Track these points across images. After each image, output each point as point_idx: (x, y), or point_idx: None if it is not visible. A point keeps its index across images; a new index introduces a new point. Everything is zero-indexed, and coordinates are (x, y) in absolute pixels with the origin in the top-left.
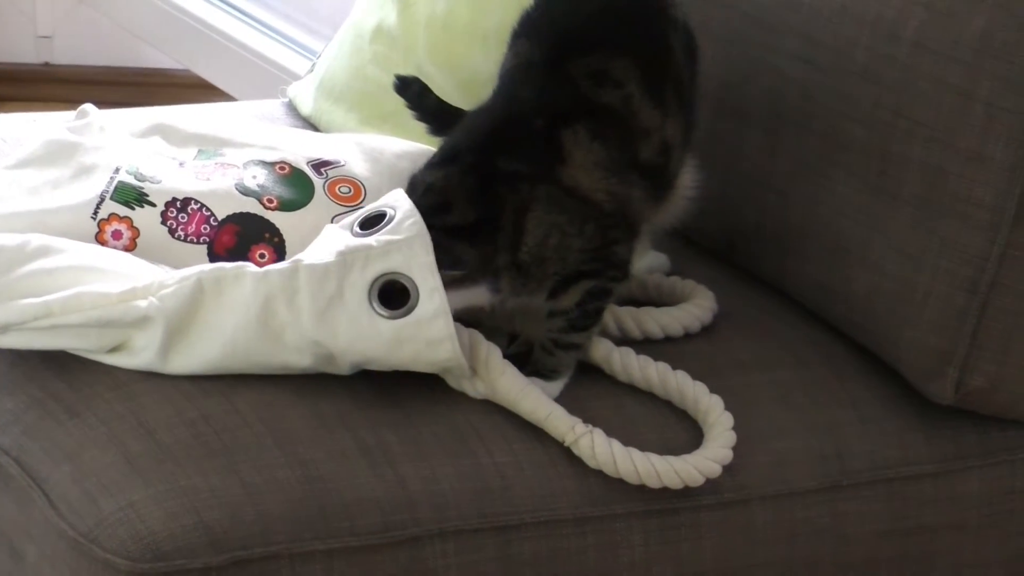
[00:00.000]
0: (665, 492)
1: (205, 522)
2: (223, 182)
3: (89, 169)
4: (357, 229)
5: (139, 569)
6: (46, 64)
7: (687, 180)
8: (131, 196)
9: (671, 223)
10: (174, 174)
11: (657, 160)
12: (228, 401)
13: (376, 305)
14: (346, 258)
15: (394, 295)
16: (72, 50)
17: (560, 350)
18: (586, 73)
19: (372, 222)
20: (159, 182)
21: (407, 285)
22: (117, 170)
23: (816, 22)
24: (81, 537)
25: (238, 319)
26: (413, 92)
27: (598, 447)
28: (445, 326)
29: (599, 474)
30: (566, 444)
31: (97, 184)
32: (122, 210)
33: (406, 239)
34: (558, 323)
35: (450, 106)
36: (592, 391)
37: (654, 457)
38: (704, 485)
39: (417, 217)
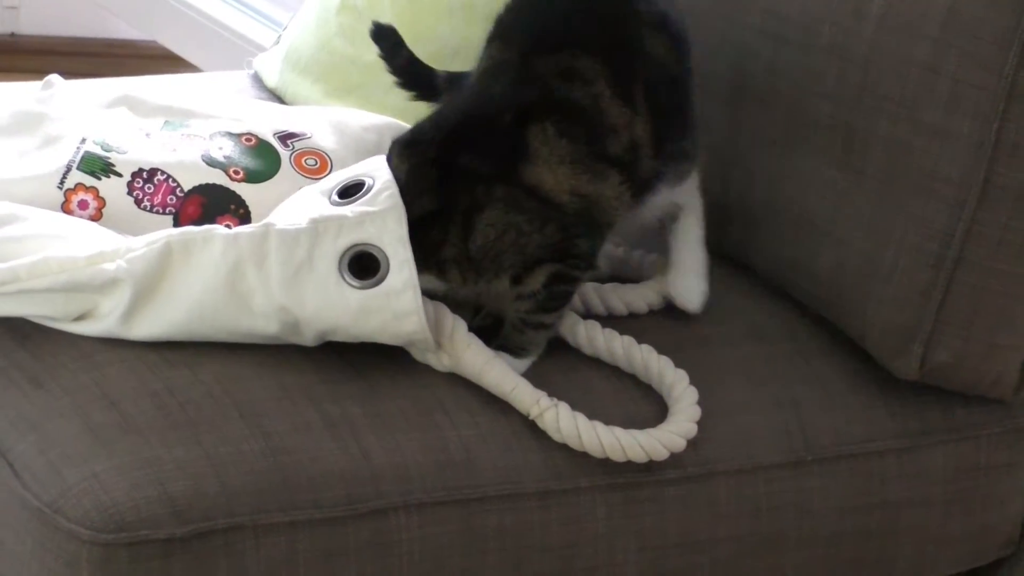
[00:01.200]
0: (629, 466)
1: (169, 493)
2: (189, 153)
3: (55, 139)
4: (335, 198)
5: (102, 539)
6: (12, 35)
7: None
8: (97, 166)
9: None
10: (140, 145)
11: (625, 158)
12: (193, 373)
13: (346, 275)
14: (318, 226)
15: (364, 265)
16: (38, 20)
17: (530, 329)
18: (555, 71)
19: (350, 191)
20: (125, 152)
21: (378, 256)
22: (84, 140)
23: None
24: (45, 507)
25: (206, 282)
26: (388, 43)
27: (563, 421)
28: (413, 299)
29: (564, 448)
30: (531, 417)
31: (63, 154)
32: (88, 180)
33: (380, 211)
34: (525, 304)
35: (421, 63)
36: (557, 365)
37: (618, 431)
38: (668, 459)
39: (394, 189)
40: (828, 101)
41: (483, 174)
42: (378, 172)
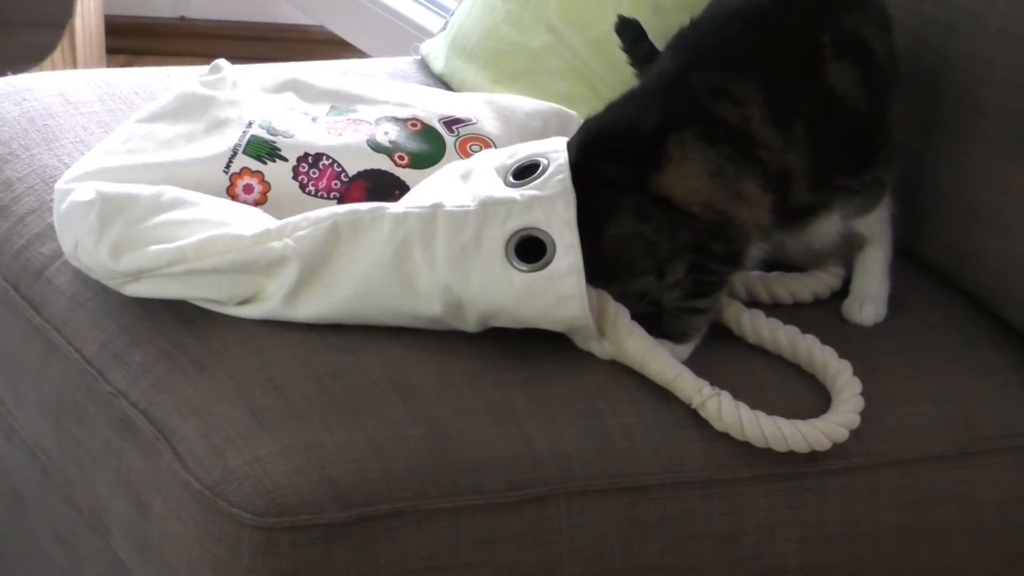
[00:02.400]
0: (791, 456)
1: (331, 478)
2: (355, 138)
3: (222, 123)
4: (511, 179)
5: (264, 523)
6: (182, 18)
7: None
8: (263, 150)
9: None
10: (306, 129)
11: (771, 184)
12: (355, 358)
13: (512, 258)
14: (488, 209)
15: (530, 248)
16: (207, 5)
17: (685, 315)
18: (707, 88)
19: (526, 171)
20: (291, 136)
21: (544, 240)
22: (250, 124)
23: None
24: (207, 490)
25: (373, 260)
26: (630, 35)
27: (725, 410)
28: (577, 284)
29: (725, 437)
30: (693, 406)
31: (230, 138)
32: (254, 164)
33: (550, 196)
34: (676, 293)
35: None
36: (720, 354)
37: (781, 421)
38: (831, 450)
39: (565, 174)
40: (997, 90)
41: (616, 182)
42: (555, 154)
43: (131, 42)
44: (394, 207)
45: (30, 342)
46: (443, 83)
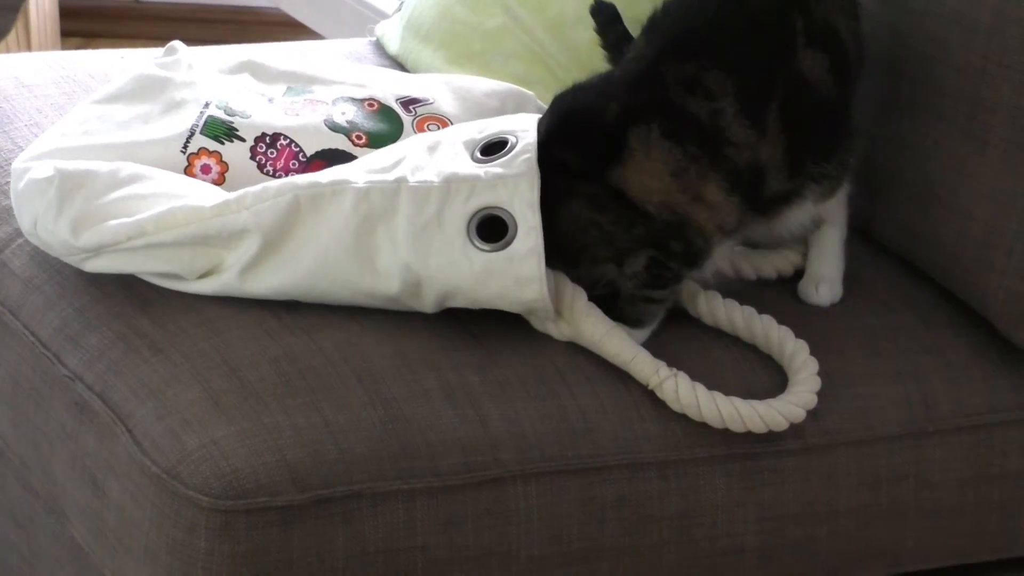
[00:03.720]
0: (748, 436)
1: (288, 460)
2: (312, 118)
3: (179, 104)
4: (478, 155)
5: (221, 506)
6: (136, 1)
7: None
8: (221, 131)
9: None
10: (264, 110)
11: (741, 179)
12: (312, 339)
13: (473, 237)
14: (451, 186)
15: (491, 228)
16: None
17: (642, 303)
18: (679, 79)
19: (494, 148)
20: (249, 117)
21: (506, 220)
22: (207, 105)
23: None
24: (164, 473)
25: (333, 234)
26: (604, 18)
27: (682, 391)
28: (536, 266)
29: (683, 418)
30: (650, 387)
31: (187, 118)
32: (212, 144)
33: (514, 175)
34: (633, 282)
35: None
36: (677, 335)
37: (738, 401)
38: (788, 430)
39: (532, 154)
40: (952, 70)
41: (573, 169)
42: (523, 132)
43: (86, 25)
44: (356, 178)
45: None
46: (398, 64)
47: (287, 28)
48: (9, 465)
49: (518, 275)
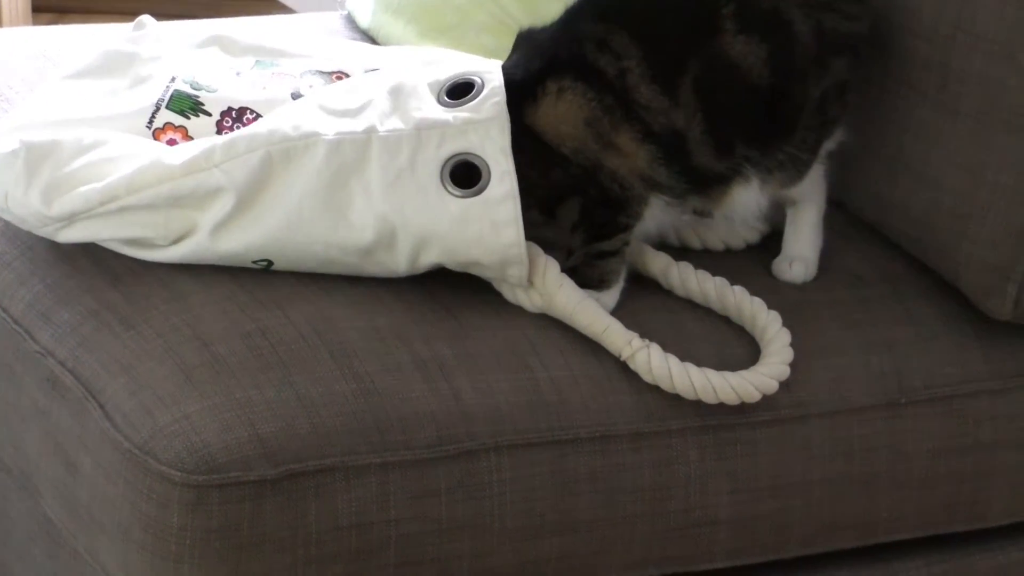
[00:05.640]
0: (721, 408)
1: (260, 435)
2: (279, 91)
3: (145, 79)
4: (444, 97)
5: (194, 481)
6: None
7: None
8: (186, 105)
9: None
10: (230, 83)
11: (663, 142)
12: (284, 314)
13: (447, 183)
14: (421, 133)
15: (465, 172)
16: None
17: (596, 260)
18: (592, 37)
19: (459, 90)
20: (215, 91)
21: (479, 165)
22: (173, 79)
23: None
24: (136, 449)
25: (306, 186)
26: None
27: (655, 362)
28: (513, 209)
29: (655, 389)
30: (623, 359)
31: (153, 93)
32: (177, 119)
33: (484, 120)
34: (578, 237)
35: None
36: (649, 305)
37: (710, 372)
38: (761, 401)
39: (500, 97)
40: (923, 40)
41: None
42: (489, 75)
43: (57, 1)
44: (325, 130)
45: None
46: (370, 38)
47: (259, 2)
48: None
49: (494, 219)
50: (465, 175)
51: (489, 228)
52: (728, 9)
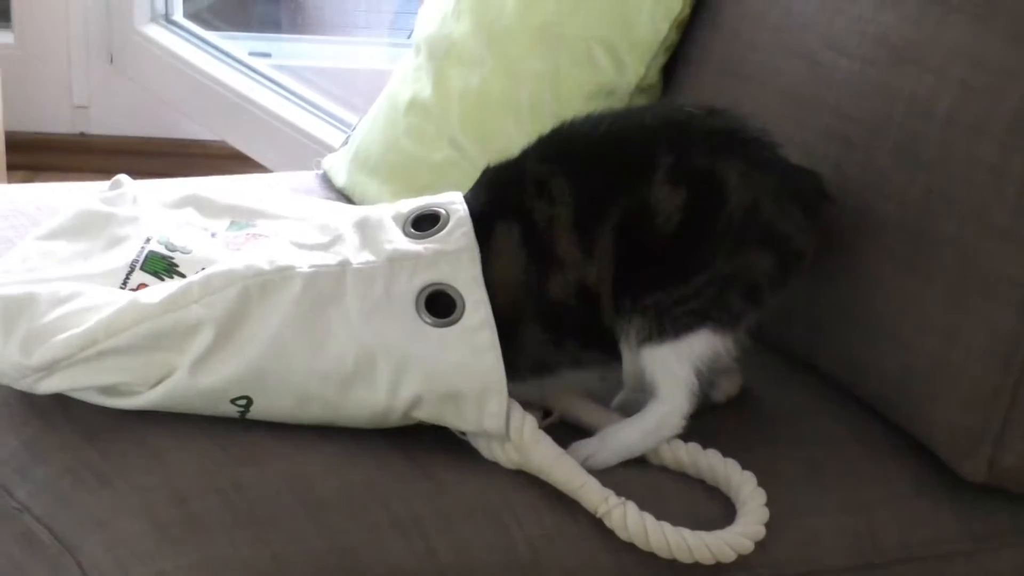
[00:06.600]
0: (697, 568)
1: None
2: (253, 253)
3: (120, 240)
4: (410, 228)
5: None
6: (81, 134)
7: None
8: (160, 267)
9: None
10: (205, 244)
11: (570, 302)
12: (259, 470)
13: (423, 313)
14: (394, 264)
15: (442, 301)
16: (108, 120)
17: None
18: (535, 178)
19: (424, 221)
20: (189, 252)
21: (453, 295)
22: (148, 240)
23: (848, 98)
24: None
25: (285, 318)
26: None
27: (630, 519)
28: (489, 336)
29: (631, 548)
30: (598, 515)
31: (127, 254)
32: (151, 280)
33: (454, 251)
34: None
35: None
36: (624, 466)
37: (686, 532)
38: (735, 561)
39: (468, 227)
40: (895, 203)
41: None
42: (452, 206)
43: (31, 158)
44: (299, 263)
45: None
46: (345, 197)
47: (234, 161)
48: None
49: (473, 344)
50: (442, 303)
51: (470, 353)
52: (666, 160)
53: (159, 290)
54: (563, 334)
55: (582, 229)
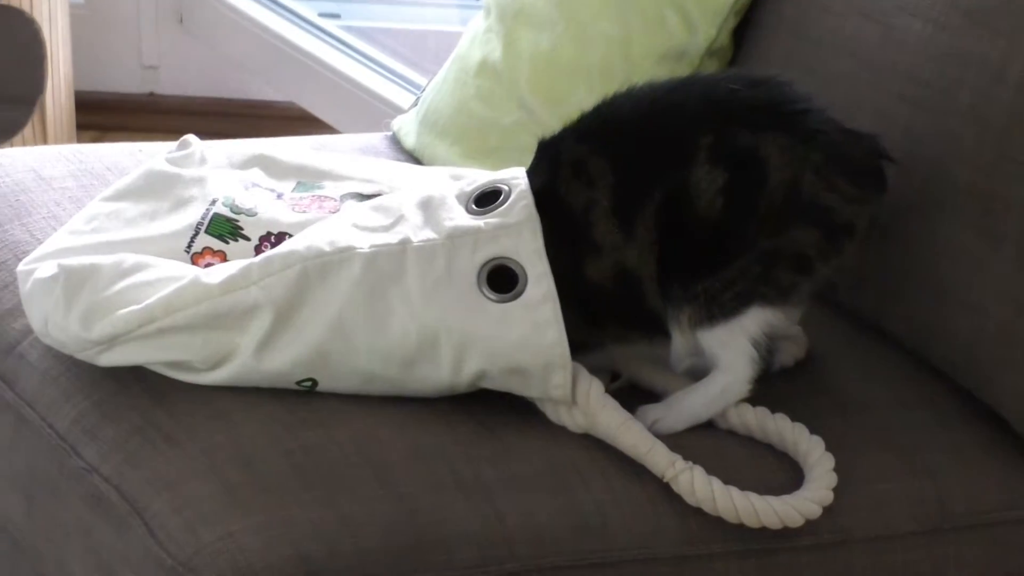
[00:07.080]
0: (764, 532)
1: (303, 554)
2: (319, 215)
3: (187, 201)
4: (472, 206)
5: None
6: (151, 94)
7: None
8: (225, 229)
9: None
10: (271, 206)
11: (609, 286)
12: (327, 432)
13: (485, 288)
14: (455, 241)
15: (502, 277)
16: (177, 80)
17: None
18: (571, 160)
19: (486, 198)
20: (255, 215)
21: (515, 269)
22: (213, 202)
23: (921, 62)
24: (180, 566)
25: (345, 300)
26: None
27: (698, 484)
28: (552, 310)
29: (698, 512)
30: (665, 480)
31: (192, 216)
32: (216, 243)
33: (516, 224)
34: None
35: None
36: (691, 431)
37: (753, 496)
38: (803, 526)
39: (529, 200)
40: (966, 166)
41: None
42: (515, 180)
43: (101, 118)
44: (360, 243)
45: (2, 417)
46: (414, 159)
47: (303, 122)
48: (23, 556)
49: (536, 320)
50: (503, 280)
51: (532, 329)
52: (706, 140)
53: (221, 270)
54: (603, 316)
55: (621, 213)
